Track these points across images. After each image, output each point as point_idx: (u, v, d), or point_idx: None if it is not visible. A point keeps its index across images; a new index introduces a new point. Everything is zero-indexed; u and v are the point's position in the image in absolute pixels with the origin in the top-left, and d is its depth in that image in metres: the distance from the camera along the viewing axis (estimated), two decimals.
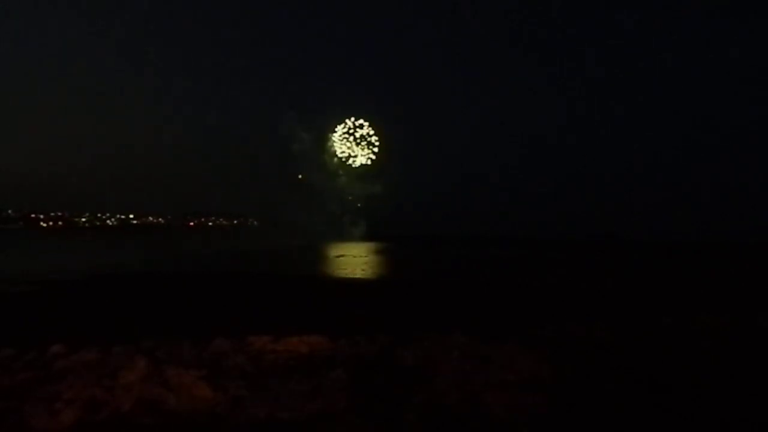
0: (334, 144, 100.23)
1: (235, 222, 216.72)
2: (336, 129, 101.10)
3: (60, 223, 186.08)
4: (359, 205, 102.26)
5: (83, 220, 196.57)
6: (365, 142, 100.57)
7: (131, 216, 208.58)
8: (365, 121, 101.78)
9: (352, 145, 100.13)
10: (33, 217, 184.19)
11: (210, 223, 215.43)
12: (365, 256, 49.32)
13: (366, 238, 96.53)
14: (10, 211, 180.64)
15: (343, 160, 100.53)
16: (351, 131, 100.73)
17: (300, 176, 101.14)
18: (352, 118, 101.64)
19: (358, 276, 30.46)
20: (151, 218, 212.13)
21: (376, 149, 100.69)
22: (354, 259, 44.89)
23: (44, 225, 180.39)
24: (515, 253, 58.02)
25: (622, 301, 19.21)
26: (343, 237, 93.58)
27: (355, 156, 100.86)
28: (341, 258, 46.54)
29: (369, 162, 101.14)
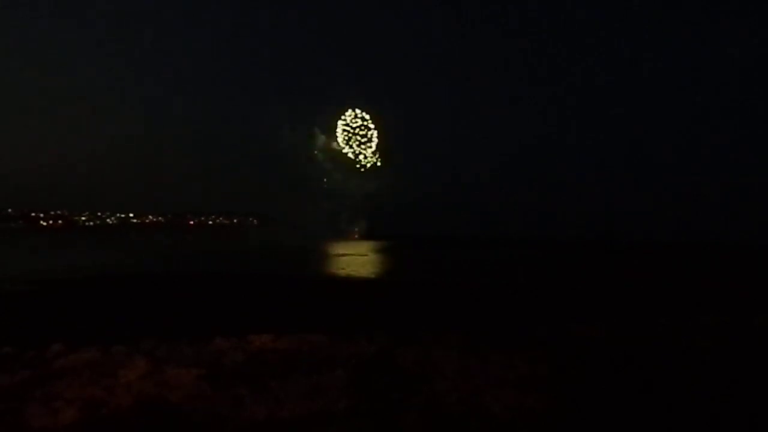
0: (337, 141, 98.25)
1: (235, 221, 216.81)
2: (337, 125, 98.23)
3: (60, 222, 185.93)
4: (356, 204, 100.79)
5: (83, 218, 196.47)
6: (367, 140, 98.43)
7: (131, 215, 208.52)
8: (366, 113, 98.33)
9: (354, 143, 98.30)
10: (33, 216, 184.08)
11: (210, 222, 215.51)
12: (364, 256, 49.31)
13: (365, 237, 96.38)
14: (10, 210, 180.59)
15: (349, 156, 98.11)
16: (352, 128, 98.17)
17: (324, 180, 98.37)
18: (350, 111, 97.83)
19: (357, 276, 30.45)
20: (151, 217, 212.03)
21: (373, 146, 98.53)
22: (353, 259, 44.87)
23: (44, 224, 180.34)
24: (514, 253, 58.03)
25: (620, 301, 19.21)
26: (342, 236, 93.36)
27: (362, 156, 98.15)
28: (340, 258, 46.52)
29: (375, 162, 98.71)
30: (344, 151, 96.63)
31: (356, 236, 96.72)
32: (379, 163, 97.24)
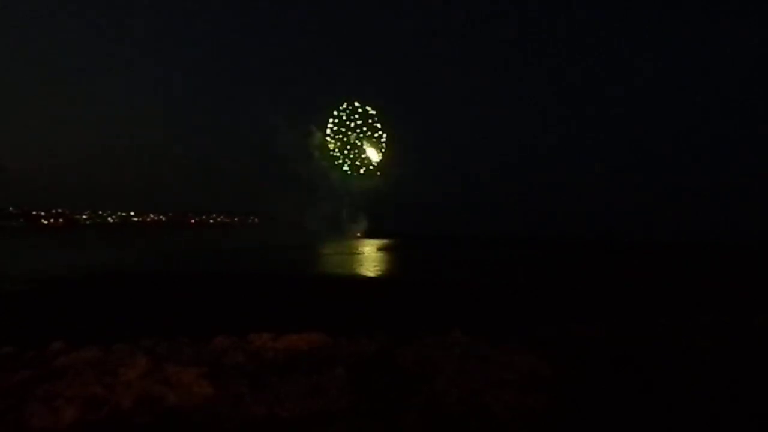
0: (332, 142, 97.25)
1: (236, 219, 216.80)
2: (332, 123, 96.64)
3: (60, 220, 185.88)
4: (357, 202, 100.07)
5: (84, 217, 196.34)
6: (371, 139, 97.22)
7: (132, 213, 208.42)
8: (371, 108, 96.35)
9: (351, 149, 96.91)
10: (34, 215, 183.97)
11: (211, 221, 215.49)
12: (364, 255, 49.32)
13: (365, 236, 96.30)
14: (11, 209, 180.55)
15: (346, 158, 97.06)
16: (349, 127, 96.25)
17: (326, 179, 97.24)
18: (346, 105, 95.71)
19: (357, 275, 30.47)
20: (152, 215, 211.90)
21: (383, 143, 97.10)
22: (353, 258, 44.89)
23: (45, 222, 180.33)
24: (514, 253, 58.00)
25: (621, 301, 19.22)
26: (343, 235, 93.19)
27: (360, 159, 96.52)
28: (340, 257, 46.53)
29: (377, 159, 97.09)
30: (338, 162, 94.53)
31: (356, 236, 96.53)
32: (378, 171, 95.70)
